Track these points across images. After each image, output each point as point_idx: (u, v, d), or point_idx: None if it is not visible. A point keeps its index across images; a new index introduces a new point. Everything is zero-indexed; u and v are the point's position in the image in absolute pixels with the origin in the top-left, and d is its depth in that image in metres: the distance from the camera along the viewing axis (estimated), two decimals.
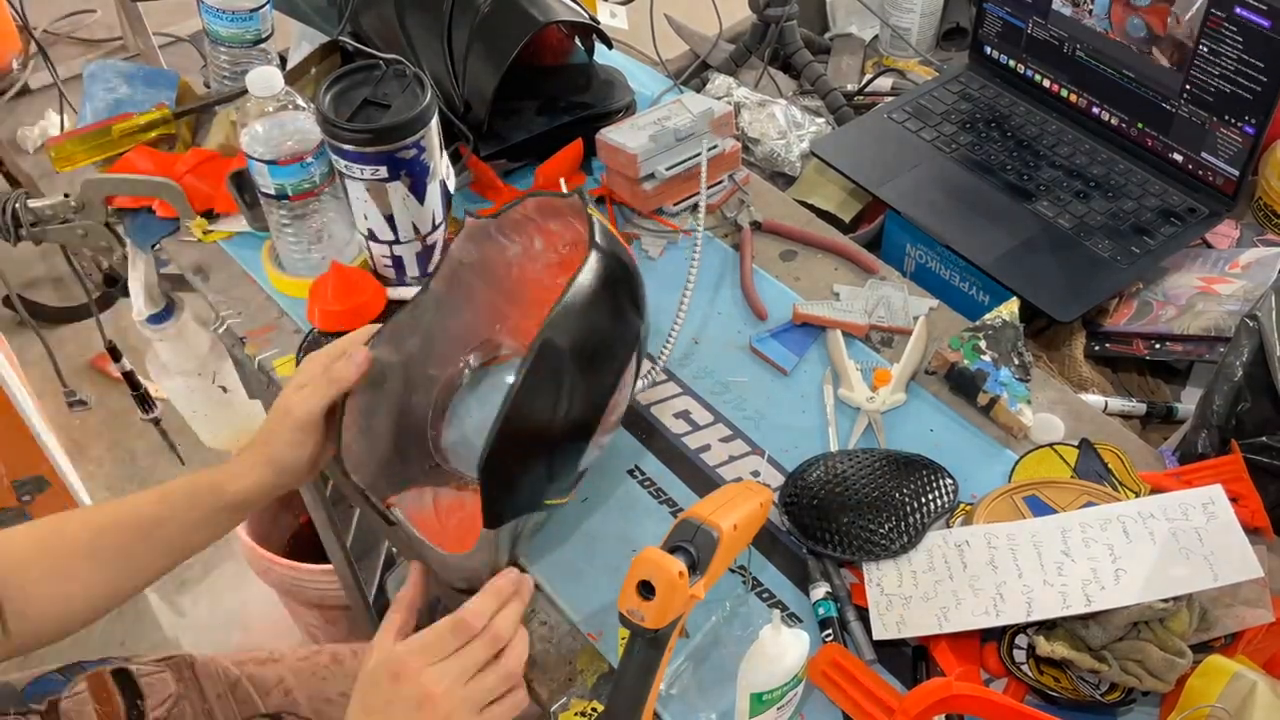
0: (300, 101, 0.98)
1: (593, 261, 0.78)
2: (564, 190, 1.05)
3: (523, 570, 0.85)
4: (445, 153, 1.01)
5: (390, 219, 0.97)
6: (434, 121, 0.94)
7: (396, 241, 0.99)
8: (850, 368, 0.95)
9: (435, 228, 1.00)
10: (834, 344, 0.98)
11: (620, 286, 0.80)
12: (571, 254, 0.91)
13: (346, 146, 0.92)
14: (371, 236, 0.99)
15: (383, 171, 0.93)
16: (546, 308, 0.75)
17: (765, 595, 0.82)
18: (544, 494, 0.80)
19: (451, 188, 1.04)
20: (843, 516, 0.83)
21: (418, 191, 0.96)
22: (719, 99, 1.28)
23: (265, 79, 0.94)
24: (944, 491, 0.85)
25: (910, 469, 0.87)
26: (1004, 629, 0.77)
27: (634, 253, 1.00)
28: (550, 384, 0.75)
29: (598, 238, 0.80)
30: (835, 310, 1.00)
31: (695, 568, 0.68)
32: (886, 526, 0.82)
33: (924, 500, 0.84)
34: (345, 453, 0.84)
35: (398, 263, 1.01)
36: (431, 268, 1.02)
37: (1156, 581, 0.73)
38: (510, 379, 0.82)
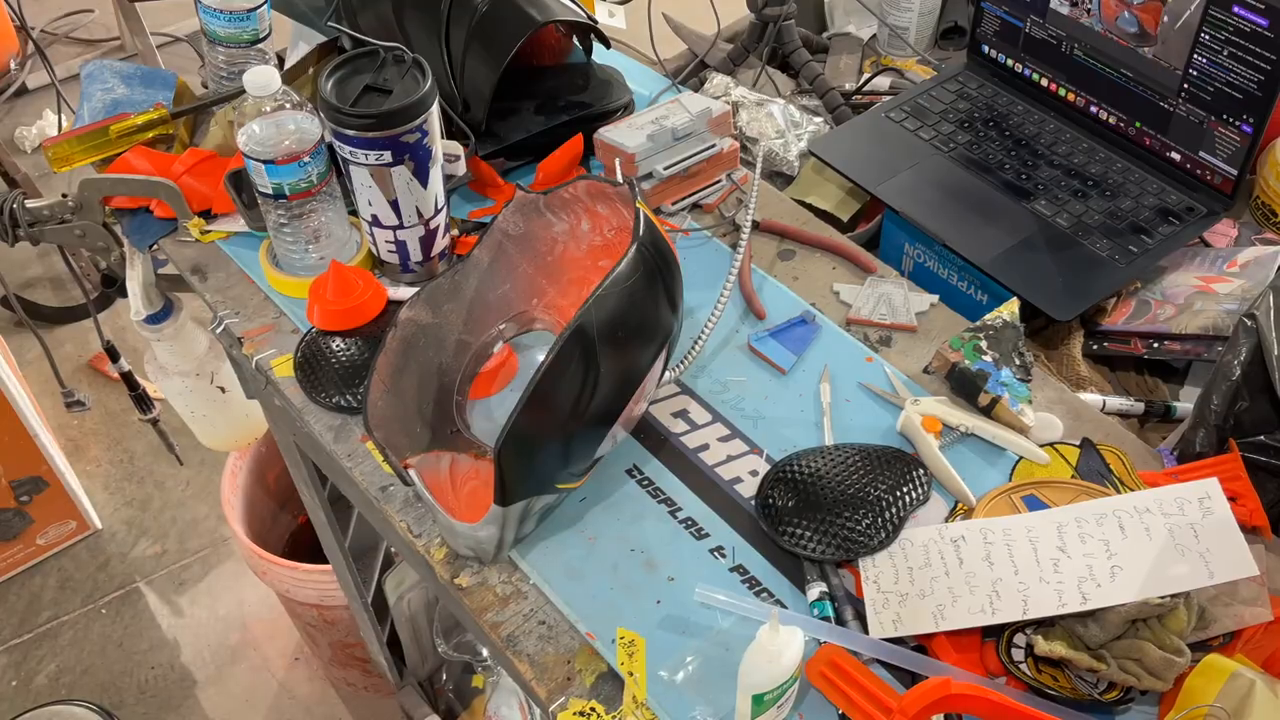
0: (297, 100, 0.98)
1: (634, 254, 0.80)
2: (618, 177, 1.06)
3: (519, 569, 0.85)
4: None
5: (394, 204, 0.97)
6: (435, 106, 0.94)
7: (400, 226, 0.99)
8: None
9: (438, 211, 1.00)
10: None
11: (658, 282, 0.82)
12: (616, 239, 0.93)
13: (350, 132, 0.92)
14: (375, 223, 1.00)
15: (386, 156, 0.93)
16: (585, 287, 0.76)
17: (763, 594, 0.82)
18: (557, 477, 0.81)
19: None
20: (820, 515, 0.83)
21: (421, 176, 0.96)
22: (717, 98, 1.28)
23: (263, 79, 0.94)
24: (919, 482, 0.86)
25: (883, 462, 0.87)
26: (1002, 627, 0.77)
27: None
28: (578, 369, 0.77)
29: (642, 230, 0.81)
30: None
31: None
32: (864, 523, 0.82)
33: (900, 493, 0.84)
34: (370, 409, 0.85)
35: (401, 248, 1.01)
36: (435, 252, 1.03)
37: (1152, 580, 0.73)
38: (540, 357, 0.83)
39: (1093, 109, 1.18)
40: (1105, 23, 1.13)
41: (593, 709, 0.77)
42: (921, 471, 0.87)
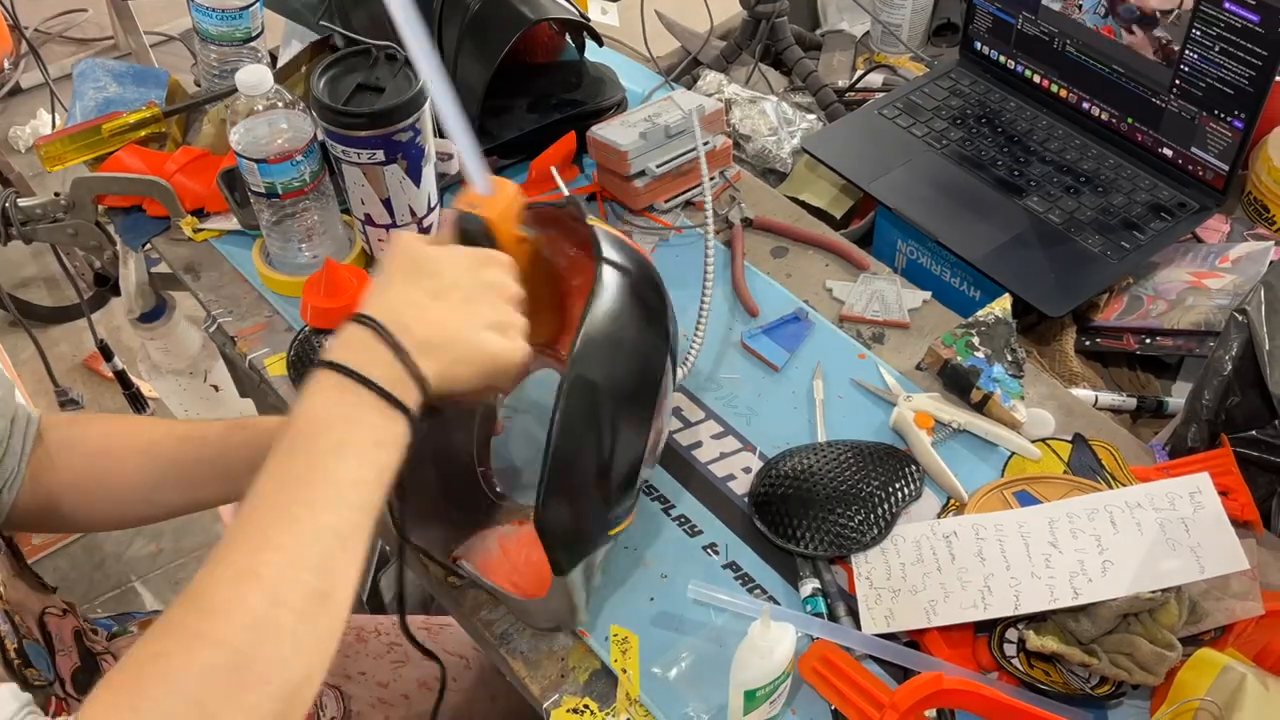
0: (290, 99, 0.98)
1: (606, 279, 0.72)
2: (562, 190, 1.05)
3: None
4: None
5: (387, 202, 0.97)
6: (428, 104, 0.94)
7: (393, 225, 0.99)
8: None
9: (431, 210, 1.01)
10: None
11: (639, 298, 0.75)
12: (580, 255, 0.85)
13: (342, 131, 0.92)
14: (368, 221, 1.00)
15: (379, 155, 0.93)
16: (563, 310, 0.73)
17: (756, 591, 0.82)
18: (607, 525, 0.76)
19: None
20: (813, 511, 0.83)
21: (414, 174, 0.96)
22: (710, 96, 1.27)
23: (255, 77, 0.94)
24: (911, 479, 0.86)
25: (875, 458, 0.87)
26: (994, 623, 0.77)
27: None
28: (588, 421, 0.70)
29: (605, 252, 0.74)
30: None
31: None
32: (857, 519, 0.82)
33: (892, 489, 0.84)
34: (401, 520, 0.76)
35: None
36: None
37: (1143, 574, 0.73)
38: (538, 380, 0.78)
39: (1085, 105, 1.19)
40: (1097, 18, 1.13)
41: (586, 706, 0.78)
42: (914, 468, 0.87)
